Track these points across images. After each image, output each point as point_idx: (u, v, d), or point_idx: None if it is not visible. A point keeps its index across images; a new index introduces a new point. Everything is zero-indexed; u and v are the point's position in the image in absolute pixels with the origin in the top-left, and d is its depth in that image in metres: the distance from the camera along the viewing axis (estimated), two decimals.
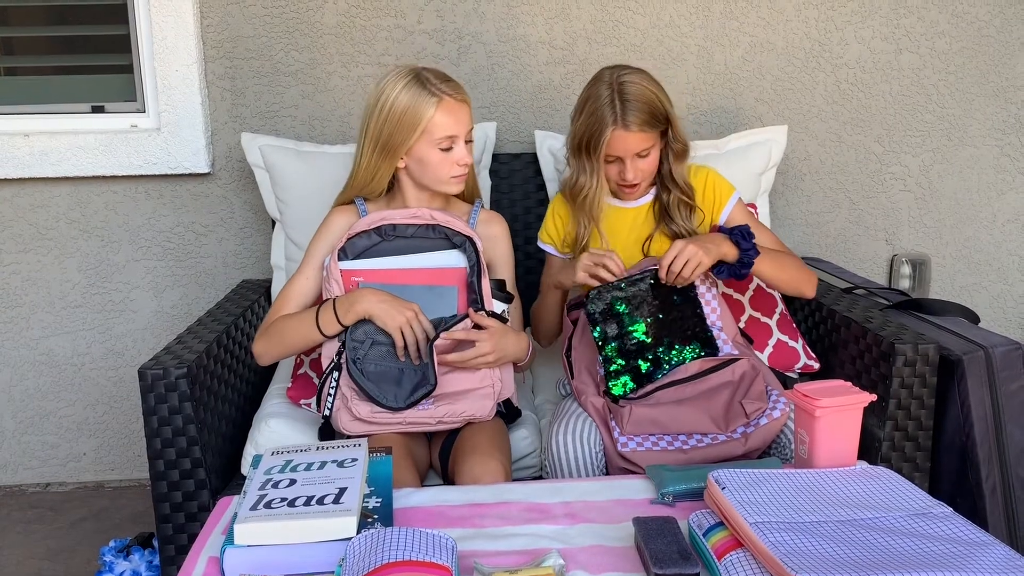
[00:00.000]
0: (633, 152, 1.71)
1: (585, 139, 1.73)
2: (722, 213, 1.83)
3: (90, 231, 2.45)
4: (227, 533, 1.15)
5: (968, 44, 2.47)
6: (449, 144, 1.66)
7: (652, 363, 1.64)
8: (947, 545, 1.03)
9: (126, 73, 2.42)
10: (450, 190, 1.71)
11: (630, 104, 1.67)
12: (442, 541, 1.10)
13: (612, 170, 1.76)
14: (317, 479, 1.23)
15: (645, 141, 1.71)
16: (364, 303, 1.59)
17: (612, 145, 1.70)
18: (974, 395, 1.69)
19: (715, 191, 1.83)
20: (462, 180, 1.71)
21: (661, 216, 1.82)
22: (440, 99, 1.64)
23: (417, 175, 1.71)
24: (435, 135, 1.65)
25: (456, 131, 1.66)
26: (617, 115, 1.67)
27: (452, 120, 1.65)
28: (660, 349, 1.65)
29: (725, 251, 1.65)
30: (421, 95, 1.63)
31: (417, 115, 1.63)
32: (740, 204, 1.85)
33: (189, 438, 1.65)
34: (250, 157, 2.23)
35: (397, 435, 1.62)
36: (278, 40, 2.38)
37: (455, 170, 1.68)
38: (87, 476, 2.58)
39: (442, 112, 1.64)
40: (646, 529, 1.15)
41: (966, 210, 2.57)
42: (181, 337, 1.82)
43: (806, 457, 1.29)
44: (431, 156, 1.67)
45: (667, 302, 1.66)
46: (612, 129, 1.68)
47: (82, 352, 2.51)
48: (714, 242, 1.65)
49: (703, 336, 1.67)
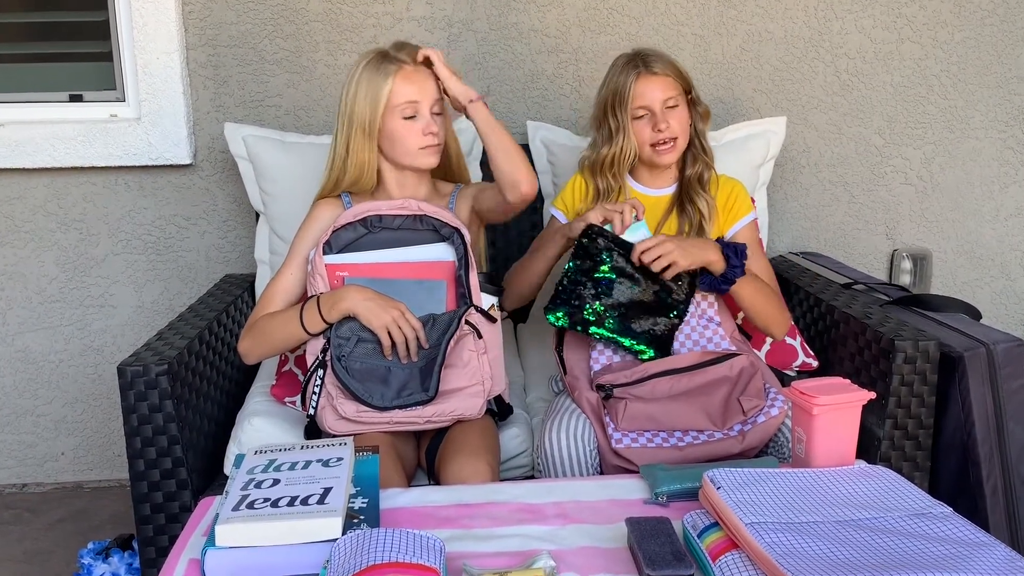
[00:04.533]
0: (661, 100, 1.76)
1: (610, 98, 1.79)
2: (734, 225, 1.85)
3: (68, 224, 2.44)
4: (208, 534, 1.15)
5: (971, 34, 2.47)
6: (412, 111, 1.67)
7: (595, 322, 1.66)
8: (947, 546, 1.03)
9: (105, 61, 2.41)
10: (422, 163, 1.70)
11: (651, 55, 1.79)
12: (430, 542, 1.09)
13: (644, 129, 1.78)
14: (301, 479, 1.23)
15: (671, 87, 1.77)
16: (348, 301, 1.59)
17: (639, 93, 1.76)
18: (975, 393, 1.70)
19: (736, 202, 1.86)
20: (434, 151, 1.70)
21: (678, 201, 1.84)
22: (399, 67, 1.66)
23: (390, 154, 1.71)
24: (396, 103, 1.66)
25: (417, 96, 1.66)
26: (639, 64, 1.77)
27: (412, 87, 1.66)
28: (610, 321, 1.66)
29: (711, 259, 1.66)
30: (379, 68, 1.67)
31: (378, 88, 1.66)
32: (753, 225, 1.87)
33: (170, 437, 1.64)
34: (233, 148, 2.22)
35: (384, 434, 1.61)
36: (262, 27, 2.37)
37: (422, 140, 1.67)
38: (65, 476, 2.57)
39: (400, 80, 1.66)
40: (639, 530, 1.15)
41: (968, 204, 2.58)
42: (162, 333, 1.81)
43: (803, 456, 1.29)
44: (397, 127, 1.67)
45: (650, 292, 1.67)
46: (637, 74, 1.76)
47: (60, 348, 2.50)
48: (701, 247, 1.66)
49: (661, 340, 1.67)
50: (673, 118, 1.78)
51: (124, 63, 2.38)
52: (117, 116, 2.40)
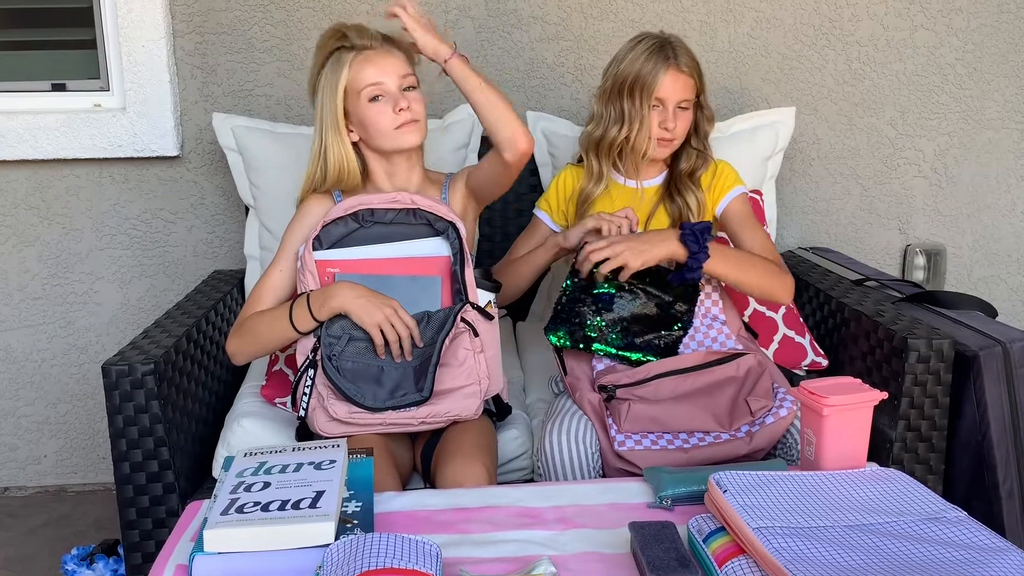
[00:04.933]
0: (678, 99, 1.78)
1: (632, 81, 1.78)
2: (721, 201, 1.86)
3: (50, 218, 2.44)
4: (196, 540, 1.15)
5: (987, 21, 2.47)
6: (376, 92, 1.66)
7: (597, 338, 1.66)
8: (961, 551, 1.03)
9: (89, 49, 2.40)
10: (402, 143, 1.69)
11: (681, 49, 1.79)
12: (426, 548, 1.09)
13: (653, 119, 1.79)
14: (293, 482, 1.23)
15: (690, 90, 1.80)
16: (339, 298, 1.58)
17: (665, 86, 1.76)
18: (991, 393, 1.70)
19: (719, 179, 1.87)
20: (413, 128, 1.68)
21: (666, 192, 1.86)
22: (356, 53, 1.68)
23: (370, 142, 1.71)
24: (357, 87, 1.67)
25: (378, 77, 1.66)
26: (670, 56, 1.77)
27: (371, 67, 1.67)
28: (613, 336, 1.66)
29: (672, 251, 1.64)
30: (338, 59, 1.68)
31: (336, 78, 1.67)
32: (742, 197, 1.87)
33: (156, 439, 1.64)
34: (222, 139, 2.22)
35: (378, 435, 1.61)
36: (252, 14, 2.37)
37: (395, 119, 1.66)
38: (48, 480, 2.57)
39: (358, 65, 1.67)
40: (643, 535, 1.15)
41: (984, 197, 2.58)
42: (148, 331, 1.81)
43: (813, 459, 1.29)
44: (365, 113, 1.67)
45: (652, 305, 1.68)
46: (667, 67, 1.76)
47: (42, 347, 2.50)
48: (655, 243, 1.64)
49: (666, 351, 1.67)
50: (681, 120, 1.80)
51: (108, 51, 2.38)
52: (101, 106, 2.40)
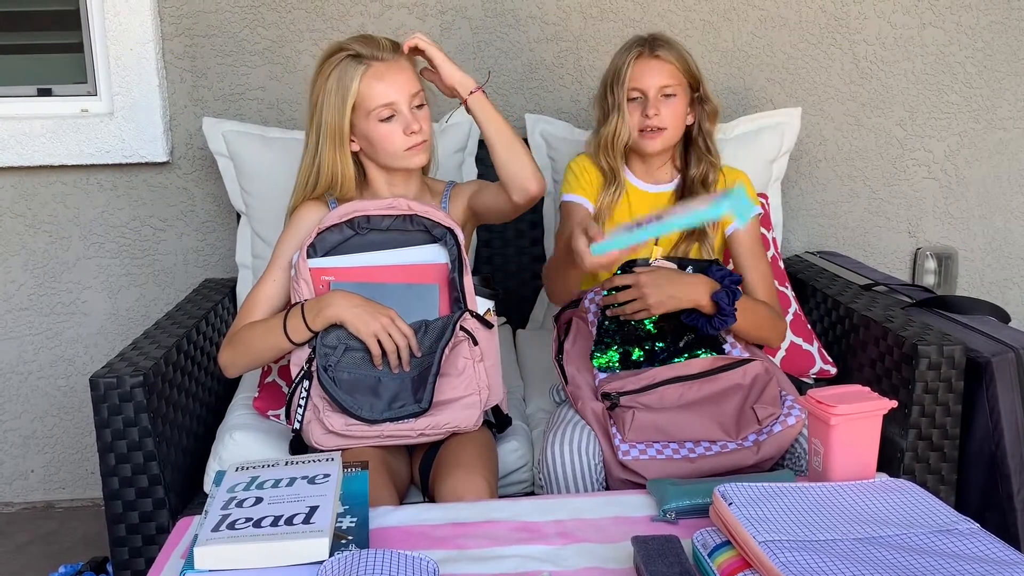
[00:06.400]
0: (656, 86, 1.77)
1: (610, 76, 1.82)
2: (733, 222, 1.83)
3: (37, 226, 2.44)
4: (187, 557, 1.15)
5: (997, 17, 2.48)
6: (389, 112, 1.64)
7: (646, 355, 1.66)
8: (974, 564, 1.03)
9: (75, 52, 2.41)
10: (410, 164, 1.70)
11: (660, 40, 1.81)
12: (423, 564, 1.10)
13: (635, 113, 1.79)
14: (286, 497, 1.23)
15: (670, 75, 1.78)
16: (334, 308, 1.59)
17: (636, 74, 1.78)
18: (1004, 400, 1.70)
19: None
20: (422, 149, 1.68)
21: (680, 201, 1.83)
22: (367, 66, 1.64)
23: (374, 157, 1.71)
24: (369, 107, 1.64)
25: (392, 97, 1.64)
26: (644, 46, 1.80)
27: (384, 85, 1.64)
28: (660, 345, 1.66)
29: (698, 301, 1.63)
30: (346, 70, 1.64)
31: (344, 92, 1.64)
32: (754, 222, 1.84)
33: (146, 453, 1.64)
34: (212, 144, 2.22)
35: (374, 448, 1.61)
36: (242, 16, 2.37)
37: (406, 141, 1.66)
38: (35, 495, 2.57)
39: (369, 80, 1.63)
40: (646, 549, 1.15)
41: (996, 199, 2.58)
42: (137, 342, 1.82)
43: (821, 469, 1.29)
44: (374, 131, 1.65)
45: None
46: (637, 53, 1.78)
47: (29, 359, 2.50)
48: (686, 289, 1.63)
49: (710, 341, 1.68)
50: (666, 107, 1.78)
51: (96, 54, 2.38)
52: (88, 111, 2.41)
